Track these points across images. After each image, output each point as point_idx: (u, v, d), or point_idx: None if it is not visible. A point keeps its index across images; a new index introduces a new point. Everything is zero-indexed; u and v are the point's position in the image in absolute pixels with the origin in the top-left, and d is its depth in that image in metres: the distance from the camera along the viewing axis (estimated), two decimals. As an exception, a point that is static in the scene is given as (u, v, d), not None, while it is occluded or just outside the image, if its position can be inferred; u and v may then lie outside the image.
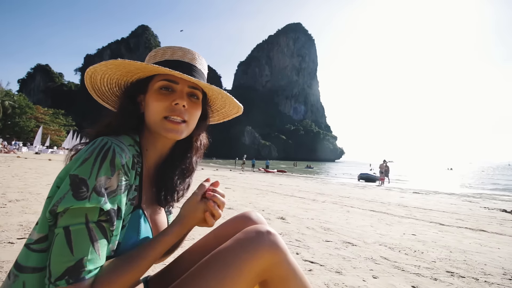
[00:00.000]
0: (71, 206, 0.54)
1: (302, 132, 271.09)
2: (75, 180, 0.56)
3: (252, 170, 28.40)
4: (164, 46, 0.78)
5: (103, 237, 0.57)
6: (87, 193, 0.55)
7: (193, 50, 0.78)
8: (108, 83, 0.78)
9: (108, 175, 0.58)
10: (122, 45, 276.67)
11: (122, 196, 0.61)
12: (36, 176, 6.63)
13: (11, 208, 2.97)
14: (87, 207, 0.55)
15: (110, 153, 0.59)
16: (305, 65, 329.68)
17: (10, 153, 21.74)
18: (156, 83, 0.72)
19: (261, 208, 4.53)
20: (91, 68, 0.71)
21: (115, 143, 0.62)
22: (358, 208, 5.47)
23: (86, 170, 0.57)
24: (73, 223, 0.54)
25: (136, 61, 0.67)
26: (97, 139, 0.62)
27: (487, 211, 6.56)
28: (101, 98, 0.83)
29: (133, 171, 0.66)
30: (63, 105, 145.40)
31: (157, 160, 0.79)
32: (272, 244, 0.68)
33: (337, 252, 2.37)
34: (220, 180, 0.78)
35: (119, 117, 0.73)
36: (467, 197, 10.58)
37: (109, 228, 0.58)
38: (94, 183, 0.56)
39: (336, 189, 10.71)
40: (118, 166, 0.60)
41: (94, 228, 0.56)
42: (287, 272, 0.69)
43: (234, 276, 0.64)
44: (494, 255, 2.72)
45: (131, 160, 0.65)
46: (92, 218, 0.56)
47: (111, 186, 0.58)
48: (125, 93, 0.78)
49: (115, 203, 0.59)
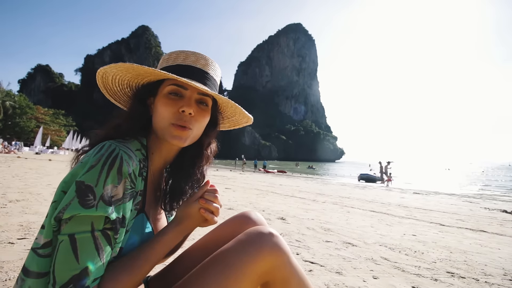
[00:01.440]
0: (78, 213, 0.54)
1: (302, 132, 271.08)
2: (81, 187, 0.55)
3: (253, 170, 28.63)
4: (178, 50, 0.77)
5: (107, 245, 0.57)
6: (94, 201, 0.55)
7: (207, 56, 0.77)
8: (120, 83, 0.77)
9: (115, 183, 0.57)
10: (122, 45, 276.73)
11: (127, 204, 0.61)
12: (36, 176, 6.63)
13: (12, 209, 2.97)
14: (94, 215, 0.55)
15: (118, 161, 0.59)
16: (305, 65, 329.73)
17: (10, 153, 21.75)
18: (166, 87, 0.71)
19: (261, 208, 4.53)
20: (102, 69, 0.70)
21: (123, 150, 0.61)
22: (359, 209, 5.46)
23: (93, 177, 0.56)
24: (78, 231, 0.54)
25: (144, 66, 0.67)
26: (105, 144, 0.61)
27: (488, 211, 6.56)
28: (113, 97, 0.83)
29: (140, 177, 0.66)
30: (63, 105, 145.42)
31: (162, 164, 0.79)
32: (274, 246, 0.68)
33: (337, 253, 2.36)
34: (220, 181, 0.78)
35: (129, 119, 0.73)
36: (468, 197, 10.57)
37: (113, 236, 0.58)
38: (101, 191, 0.55)
39: (336, 189, 10.71)
40: (125, 175, 0.59)
41: (100, 237, 0.56)
42: (289, 274, 0.69)
43: (236, 278, 0.64)
44: (495, 255, 2.71)
45: (138, 167, 0.64)
46: (97, 227, 0.56)
47: (117, 195, 0.58)
48: (135, 95, 0.77)
49: (120, 212, 0.59)
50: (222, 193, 6.22)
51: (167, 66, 0.75)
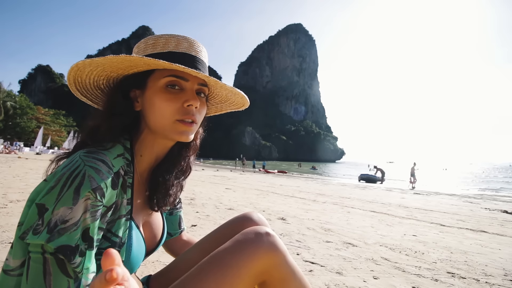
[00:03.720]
0: (29, 241, 0.48)
1: (302, 132, 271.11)
2: (42, 211, 0.49)
3: (253, 170, 28.74)
4: (166, 34, 0.67)
5: (59, 272, 0.49)
6: (41, 227, 0.48)
7: (196, 40, 0.70)
8: (97, 75, 0.66)
9: (68, 205, 0.49)
10: (122, 45, 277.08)
11: (92, 224, 0.52)
12: (37, 176, 6.64)
13: (12, 209, 2.97)
14: (36, 243, 0.48)
15: (78, 179, 0.51)
16: (305, 65, 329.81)
17: (11, 153, 21.77)
18: (161, 79, 0.63)
19: (262, 208, 4.53)
20: (80, 63, 0.60)
21: (89, 165, 0.53)
22: (359, 209, 5.46)
23: (51, 200, 0.49)
24: (32, 250, 0.49)
25: (142, 56, 0.59)
26: (73, 159, 0.54)
27: (488, 212, 6.55)
28: (80, 91, 0.70)
29: (116, 190, 0.58)
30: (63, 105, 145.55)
31: (152, 163, 0.74)
32: (270, 245, 0.67)
33: (338, 253, 2.36)
34: (220, 181, 0.78)
35: (109, 118, 0.63)
36: (468, 198, 10.56)
37: (69, 262, 0.49)
38: (50, 217, 0.48)
39: (337, 189, 10.70)
40: (82, 194, 0.50)
41: (51, 260, 0.48)
42: (286, 274, 0.69)
43: (233, 278, 0.64)
44: (495, 256, 2.71)
45: (110, 180, 0.55)
46: (48, 250, 0.48)
47: (71, 219, 0.49)
48: (117, 87, 0.67)
49: (75, 237, 0.49)
50: (222, 193, 6.22)
51: (156, 53, 0.66)
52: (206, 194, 5.90)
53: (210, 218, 3.40)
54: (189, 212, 3.65)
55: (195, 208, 4.03)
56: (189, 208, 3.98)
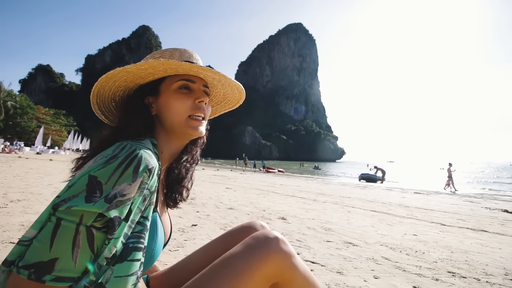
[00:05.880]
0: (76, 207, 0.50)
1: (303, 132, 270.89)
2: (93, 182, 0.53)
3: (253, 170, 28.79)
4: (170, 48, 0.79)
5: (87, 246, 0.51)
6: (98, 198, 0.52)
7: (193, 51, 0.81)
8: (119, 85, 0.75)
9: (128, 181, 0.54)
10: (123, 45, 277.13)
11: (139, 204, 0.58)
12: (37, 176, 6.64)
13: (13, 208, 2.97)
14: (87, 210, 0.51)
15: (136, 160, 0.56)
16: (306, 65, 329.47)
17: (11, 153, 21.78)
18: (174, 83, 0.73)
19: (262, 208, 4.53)
20: (109, 74, 0.69)
21: (144, 150, 0.60)
22: (359, 208, 5.46)
23: (106, 174, 0.54)
24: (67, 218, 0.50)
25: (161, 59, 0.70)
26: (126, 145, 0.59)
27: (489, 211, 6.54)
28: (97, 105, 0.79)
29: (157, 177, 0.64)
30: (64, 105, 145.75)
31: (169, 161, 0.80)
32: (281, 249, 0.72)
33: (338, 253, 2.36)
34: (221, 180, 0.80)
35: (135, 120, 0.71)
36: (468, 197, 10.55)
37: (102, 237, 0.53)
38: (109, 190, 0.53)
39: (337, 189, 10.70)
40: (141, 174, 0.56)
41: (82, 233, 0.51)
42: (297, 275, 0.73)
43: (246, 281, 0.67)
44: (496, 255, 2.71)
45: (157, 166, 0.62)
46: (86, 222, 0.51)
47: (128, 193, 0.54)
48: (137, 94, 0.76)
49: (124, 212, 0.54)
50: (223, 193, 6.23)
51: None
52: (206, 193, 5.90)
53: (210, 217, 3.40)
54: (190, 212, 3.65)
55: (195, 207, 4.03)
56: (190, 207, 3.98)
